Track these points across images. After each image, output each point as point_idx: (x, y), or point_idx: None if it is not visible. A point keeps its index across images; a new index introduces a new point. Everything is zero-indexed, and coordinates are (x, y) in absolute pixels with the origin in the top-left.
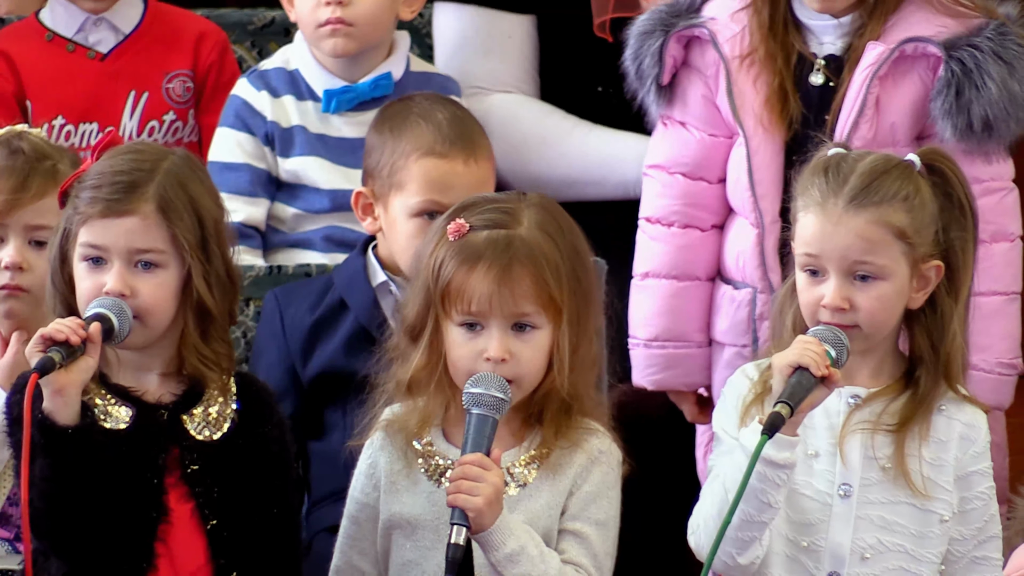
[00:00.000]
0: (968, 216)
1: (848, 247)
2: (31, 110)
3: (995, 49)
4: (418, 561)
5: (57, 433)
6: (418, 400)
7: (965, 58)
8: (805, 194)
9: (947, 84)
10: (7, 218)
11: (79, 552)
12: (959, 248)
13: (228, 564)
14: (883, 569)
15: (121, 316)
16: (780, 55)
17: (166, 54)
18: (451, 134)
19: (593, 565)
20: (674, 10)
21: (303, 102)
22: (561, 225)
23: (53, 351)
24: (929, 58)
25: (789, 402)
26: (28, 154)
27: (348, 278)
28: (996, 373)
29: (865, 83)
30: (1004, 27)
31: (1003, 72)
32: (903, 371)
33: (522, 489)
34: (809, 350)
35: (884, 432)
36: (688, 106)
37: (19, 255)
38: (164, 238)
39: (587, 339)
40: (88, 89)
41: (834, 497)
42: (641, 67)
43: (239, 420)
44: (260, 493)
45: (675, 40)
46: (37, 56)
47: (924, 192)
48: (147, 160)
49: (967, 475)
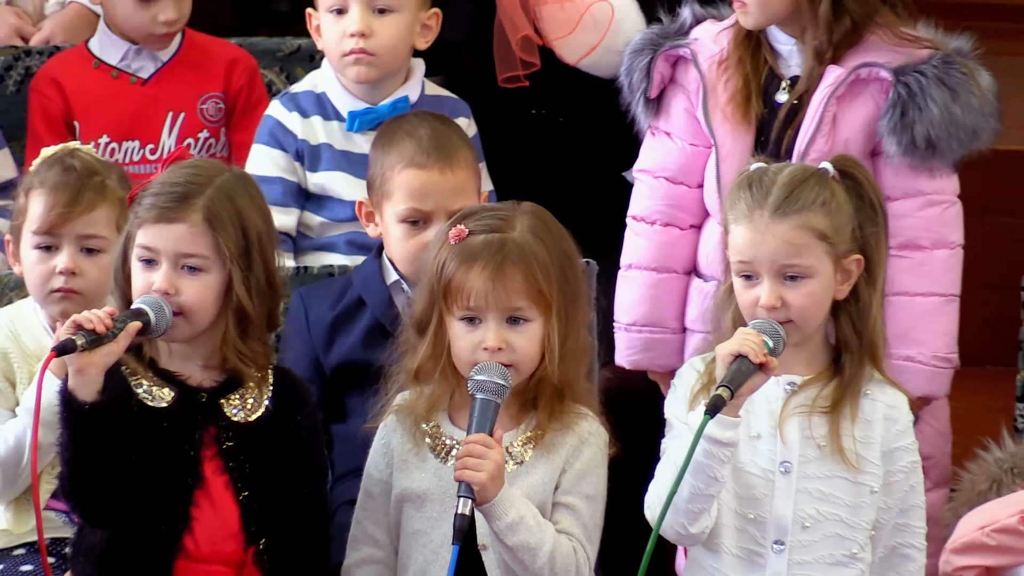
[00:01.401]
0: (879, 213)
1: (776, 252)
2: (79, 129)
3: (939, 76)
4: (426, 530)
5: (76, 408)
6: (425, 387)
7: (911, 82)
8: (734, 208)
9: (893, 105)
10: (61, 228)
11: (103, 517)
12: (873, 242)
13: (258, 532)
14: (821, 536)
15: (159, 313)
16: (749, 62)
17: (200, 79)
18: (429, 147)
19: (583, 534)
20: (664, 32)
21: (329, 122)
22: (551, 230)
23: (78, 335)
24: (881, 82)
25: (730, 386)
26: (80, 171)
27: (365, 278)
28: (931, 365)
29: (823, 102)
30: (950, 58)
31: (946, 97)
32: (832, 359)
33: (520, 466)
34: (749, 340)
35: (819, 414)
36: (672, 118)
37: (72, 262)
38: (209, 245)
39: (575, 332)
40: (130, 110)
41: (776, 473)
42: (631, 81)
43: (273, 408)
44: (290, 473)
45: (663, 59)
46: (85, 81)
47: (839, 195)
48: (202, 175)
49: (891, 451)
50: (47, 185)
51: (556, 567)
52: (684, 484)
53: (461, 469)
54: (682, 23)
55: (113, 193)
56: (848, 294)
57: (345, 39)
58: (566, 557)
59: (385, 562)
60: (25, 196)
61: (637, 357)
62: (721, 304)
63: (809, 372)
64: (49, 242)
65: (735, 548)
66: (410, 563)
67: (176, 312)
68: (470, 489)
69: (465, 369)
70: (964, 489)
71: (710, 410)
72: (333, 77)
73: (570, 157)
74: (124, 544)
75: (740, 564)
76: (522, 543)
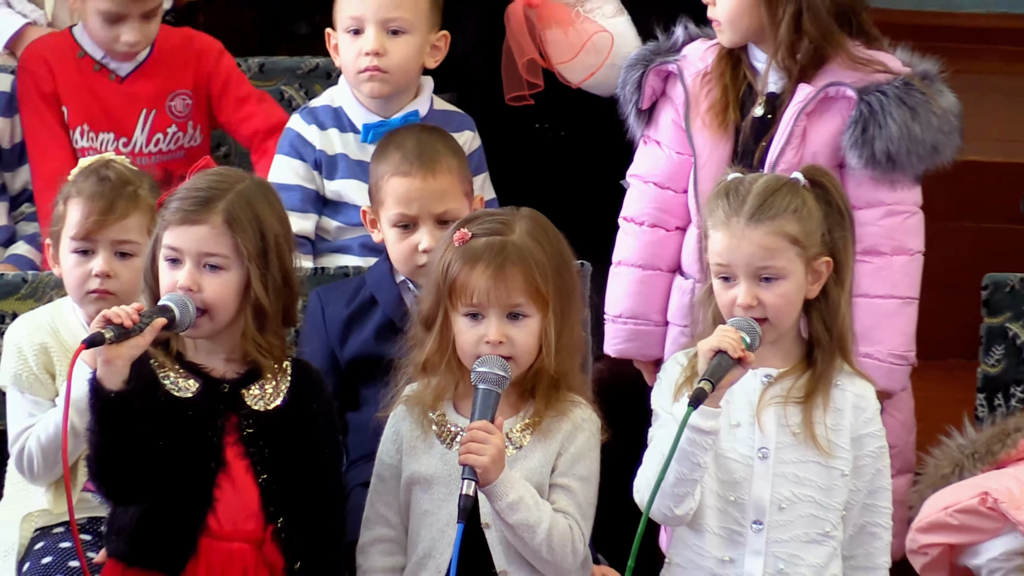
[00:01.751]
0: (846, 218)
1: (752, 256)
2: (67, 113)
3: (900, 96)
4: (433, 511)
5: (103, 395)
6: (432, 379)
7: (873, 101)
8: (712, 215)
9: (855, 121)
10: (97, 234)
11: (125, 496)
12: (841, 245)
13: (276, 512)
14: (797, 516)
15: (183, 309)
16: (729, 76)
17: (170, 78)
18: (413, 156)
19: (579, 512)
20: (657, 49)
21: (345, 134)
22: (548, 234)
23: (107, 329)
24: (848, 100)
25: (711, 379)
26: (114, 181)
27: (377, 278)
28: (889, 362)
29: (794, 117)
30: (910, 80)
31: (905, 115)
32: (804, 353)
33: (519, 451)
34: (727, 337)
35: (793, 404)
36: (661, 128)
37: (107, 265)
38: (228, 246)
39: (570, 327)
40: (108, 104)
41: (754, 459)
42: (626, 94)
43: (290, 397)
44: (306, 457)
45: (654, 73)
46: (70, 69)
47: (810, 203)
48: (224, 181)
49: (860, 437)
50: (84, 195)
51: (553, 543)
52: (670, 470)
53: (465, 453)
54: (674, 41)
55: (144, 201)
56: (818, 293)
57: (361, 57)
58: (563, 534)
59: (396, 540)
60: (64, 204)
61: (622, 346)
62: (702, 303)
63: (784, 365)
64: (86, 247)
65: (717, 528)
66: (419, 541)
67: (199, 308)
68: (474, 472)
69: (468, 361)
70: (929, 473)
71: (693, 401)
72: (349, 93)
73: (568, 167)
74: (153, 523)
75: (722, 542)
76: (522, 521)
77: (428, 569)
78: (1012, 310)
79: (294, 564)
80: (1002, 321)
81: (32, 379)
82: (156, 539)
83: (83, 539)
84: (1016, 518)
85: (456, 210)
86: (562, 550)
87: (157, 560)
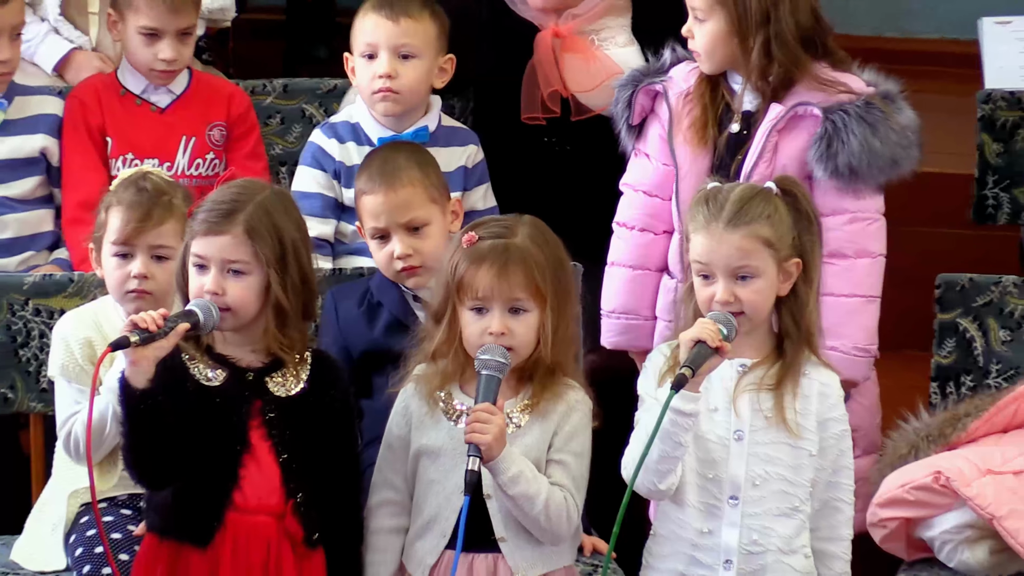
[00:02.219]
0: (814, 224)
1: (729, 257)
2: (111, 144)
3: (861, 114)
4: (440, 480)
5: (131, 393)
6: (440, 363)
7: (836, 119)
8: (694, 220)
9: (820, 137)
10: (135, 240)
11: (155, 480)
12: (809, 248)
13: (296, 488)
14: (769, 492)
15: (207, 314)
16: (709, 96)
17: (206, 110)
18: (376, 174)
19: (573, 485)
20: (646, 70)
21: (362, 147)
22: (547, 238)
23: (133, 333)
24: (815, 118)
25: (691, 366)
26: (151, 191)
27: (379, 285)
28: (852, 355)
29: (766, 133)
30: (871, 99)
31: (866, 131)
32: (775, 345)
33: (518, 429)
34: (707, 328)
35: (765, 391)
36: (649, 142)
37: (144, 268)
38: (249, 253)
39: (565, 322)
40: (151, 134)
41: (730, 440)
42: (618, 111)
43: (309, 385)
44: (323, 439)
45: (643, 92)
46: (116, 104)
47: (781, 209)
48: (245, 193)
49: (825, 421)
50: (124, 204)
51: (551, 512)
52: (654, 448)
53: (470, 432)
54: (663, 63)
55: (178, 210)
56: (788, 291)
57: (375, 80)
58: (559, 504)
59: (401, 504)
60: (105, 212)
61: (616, 339)
62: (684, 300)
63: (757, 356)
64: (125, 251)
65: (697, 502)
66: (425, 507)
67: (223, 309)
68: (478, 449)
69: (473, 350)
70: (887, 454)
71: (675, 386)
72: (365, 110)
73: (568, 177)
74: (185, 499)
75: (701, 515)
76: (522, 493)
77: (433, 532)
78: (962, 307)
79: (312, 535)
80: (953, 317)
81: (77, 370)
82: (188, 514)
83: (124, 513)
84: (965, 495)
85: (422, 217)
86: (558, 519)
87: (189, 532)
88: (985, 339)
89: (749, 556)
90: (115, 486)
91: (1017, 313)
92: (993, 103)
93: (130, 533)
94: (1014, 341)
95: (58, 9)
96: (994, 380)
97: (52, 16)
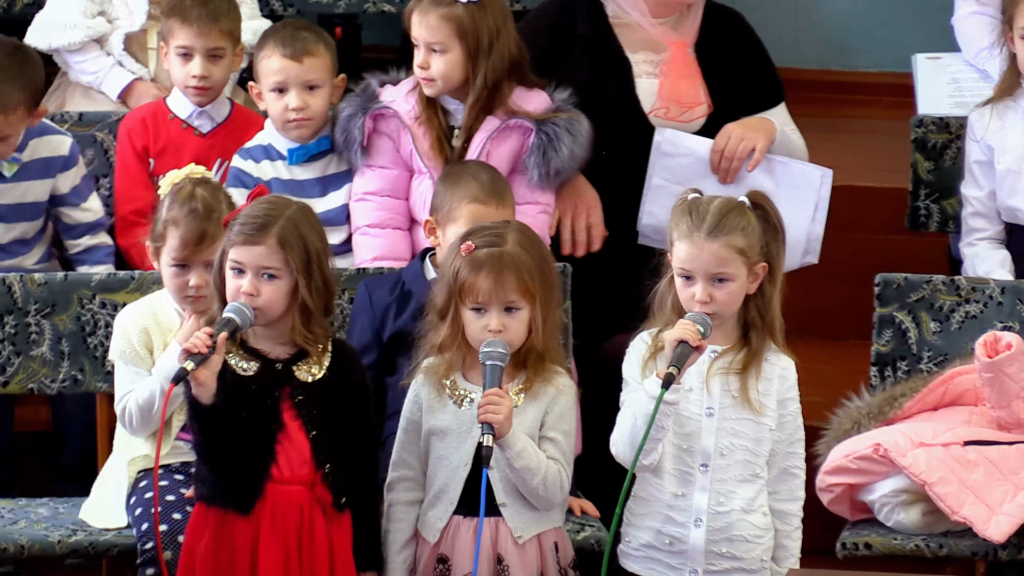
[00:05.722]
0: (780, 232)
1: (709, 263)
2: (153, 164)
3: (567, 126)
4: (447, 456)
5: (200, 409)
6: (445, 354)
7: (548, 130)
8: (677, 228)
9: (537, 147)
10: (191, 258)
11: (216, 460)
12: (775, 253)
13: (324, 459)
14: (734, 461)
15: (243, 317)
16: (435, 119)
17: (242, 137)
18: (490, 188)
19: (564, 459)
20: (362, 98)
21: (275, 162)
22: (533, 242)
23: (187, 361)
24: (523, 127)
25: (677, 365)
26: (201, 213)
27: (412, 275)
28: None
29: (482, 143)
30: (560, 113)
31: (571, 142)
32: (742, 334)
33: (515, 409)
34: (688, 329)
35: (733, 374)
36: (381, 156)
37: (200, 279)
38: (281, 260)
39: (553, 314)
40: (192, 155)
41: (703, 416)
42: (348, 137)
43: (331, 371)
44: (345, 416)
45: (369, 117)
46: (163, 127)
47: (753, 221)
48: (276, 208)
49: (783, 400)
50: (180, 226)
51: (548, 483)
52: (638, 431)
53: (484, 413)
54: (372, 91)
55: None
56: (756, 289)
57: (288, 111)
58: (554, 476)
59: (416, 479)
60: (163, 228)
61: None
62: (663, 294)
63: (727, 343)
64: (182, 263)
65: (673, 469)
66: (435, 479)
67: (256, 308)
68: (491, 427)
69: (475, 344)
70: (833, 428)
71: (665, 384)
72: (274, 131)
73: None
74: (229, 473)
75: (676, 481)
76: (525, 466)
77: (443, 501)
78: (898, 302)
79: (340, 499)
80: (890, 311)
81: (134, 354)
82: (232, 486)
83: (177, 478)
84: (901, 464)
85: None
86: (553, 488)
87: (234, 501)
88: (918, 330)
89: (716, 515)
90: (167, 454)
91: (946, 308)
92: (925, 127)
93: (182, 496)
94: (943, 332)
95: (122, 45)
96: (926, 365)
97: (117, 51)
